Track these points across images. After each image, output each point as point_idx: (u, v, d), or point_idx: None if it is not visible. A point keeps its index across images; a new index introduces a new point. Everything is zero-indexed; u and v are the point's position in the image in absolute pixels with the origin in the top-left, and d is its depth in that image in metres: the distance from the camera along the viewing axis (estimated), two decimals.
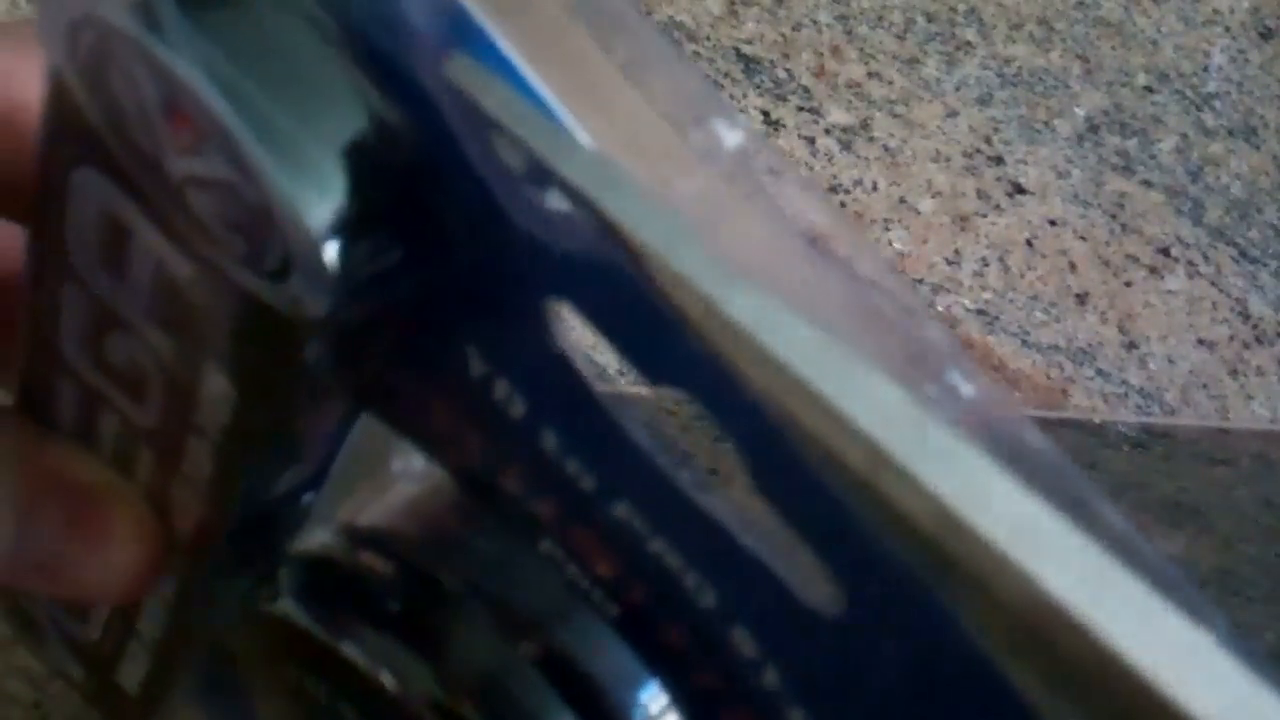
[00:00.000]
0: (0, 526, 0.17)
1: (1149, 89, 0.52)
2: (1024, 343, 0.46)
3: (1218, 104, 0.52)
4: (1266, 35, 0.54)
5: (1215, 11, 0.54)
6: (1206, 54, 0.53)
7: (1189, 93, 0.52)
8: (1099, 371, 0.46)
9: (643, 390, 0.13)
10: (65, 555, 0.17)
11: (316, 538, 0.18)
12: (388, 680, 0.16)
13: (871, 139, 0.47)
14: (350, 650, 0.17)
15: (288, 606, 0.18)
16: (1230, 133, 0.51)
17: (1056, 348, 0.46)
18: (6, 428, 0.18)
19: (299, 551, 0.18)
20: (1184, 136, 0.51)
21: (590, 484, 0.14)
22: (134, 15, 0.12)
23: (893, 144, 0.47)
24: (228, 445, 0.16)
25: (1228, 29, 0.54)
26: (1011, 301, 0.46)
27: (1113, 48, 0.52)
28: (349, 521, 0.18)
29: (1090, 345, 0.46)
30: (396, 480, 0.17)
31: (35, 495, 0.17)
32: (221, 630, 0.20)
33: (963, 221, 0.47)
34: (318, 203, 0.12)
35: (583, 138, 0.12)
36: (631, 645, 0.16)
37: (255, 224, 0.12)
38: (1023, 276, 0.46)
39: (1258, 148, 0.51)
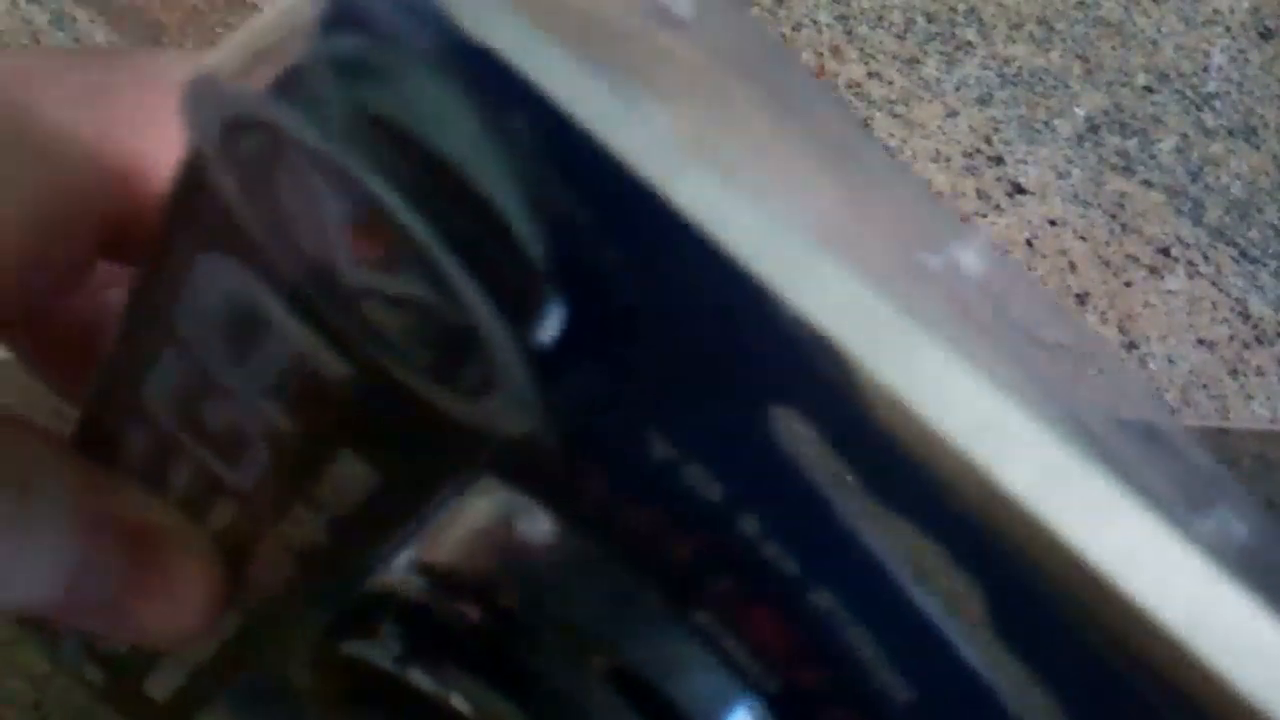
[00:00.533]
0: (58, 567, 0.17)
1: (1149, 89, 0.52)
2: None
3: (1218, 104, 0.52)
4: (1266, 35, 0.54)
5: (1215, 11, 0.54)
6: (1206, 54, 0.53)
7: (1189, 93, 0.52)
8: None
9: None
10: (125, 599, 0.17)
11: (393, 576, 0.17)
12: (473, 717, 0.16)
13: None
14: (436, 690, 0.16)
15: (366, 648, 0.17)
16: (1230, 133, 0.51)
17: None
18: (70, 466, 0.17)
19: (378, 591, 0.17)
20: (1184, 136, 0.51)
21: (793, 569, 0.14)
22: (315, 125, 0.11)
23: (893, 144, 0.47)
24: (352, 523, 0.15)
25: (1228, 29, 0.54)
26: None
27: (1113, 48, 0.52)
28: (427, 560, 0.17)
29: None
30: (469, 511, 0.17)
31: (97, 536, 0.17)
32: (280, 663, 0.20)
33: (963, 221, 0.47)
34: (528, 332, 0.12)
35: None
36: (788, 718, 0.15)
37: (453, 345, 0.12)
38: None
39: (1258, 148, 0.51)
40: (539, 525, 0.16)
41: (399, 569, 0.17)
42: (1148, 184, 0.50)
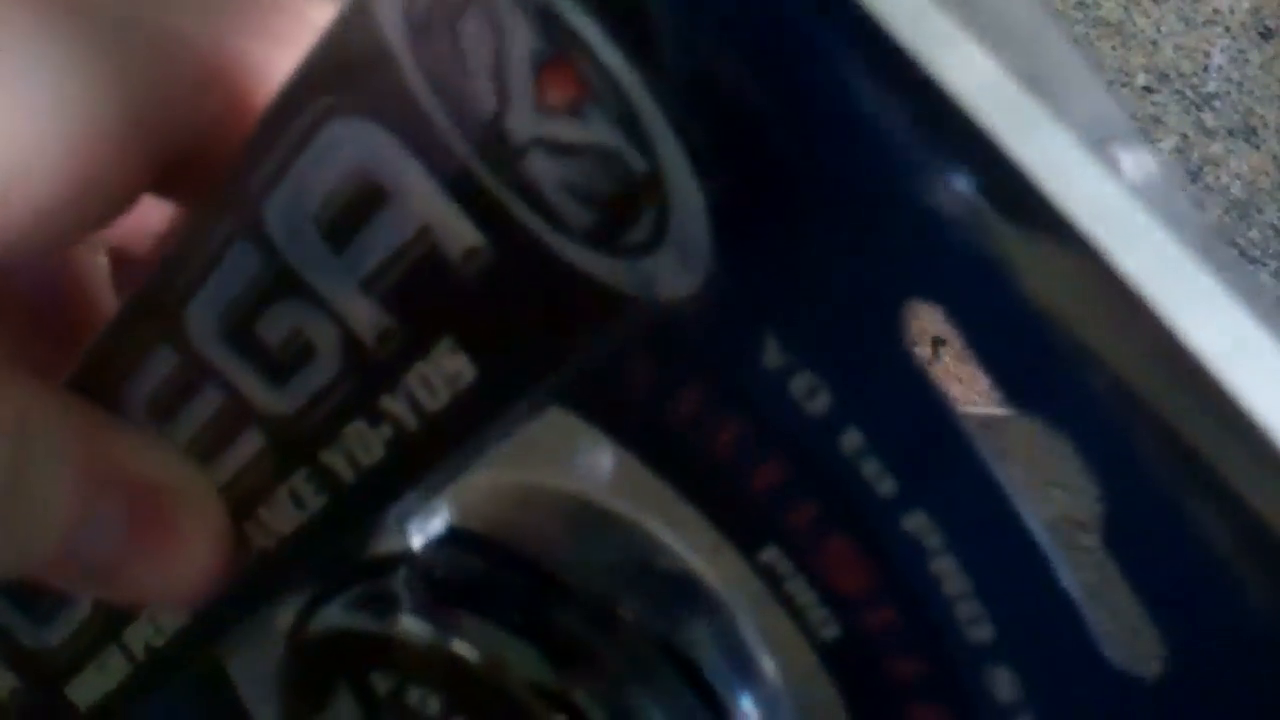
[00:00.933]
0: (50, 524, 0.15)
1: (1149, 89, 0.52)
2: None
3: (1218, 104, 0.52)
4: (1266, 35, 0.54)
5: (1215, 11, 0.54)
6: (1206, 54, 0.53)
7: (1189, 93, 0.52)
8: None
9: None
10: (123, 559, 0.16)
11: (389, 541, 0.17)
12: (494, 668, 0.16)
13: None
14: (453, 641, 0.16)
15: (348, 616, 0.17)
16: (1230, 133, 0.51)
17: None
18: (71, 411, 0.16)
19: (378, 556, 0.17)
20: (1184, 136, 0.51)
21: (889, 489, 0.13)
22: None
23: None
24: (425, 434, 0.15)
25: (1228, 29, 0.54)
26: None
27: (1113, 48, 0.52)
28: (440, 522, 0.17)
29: None
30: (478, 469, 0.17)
31: (95, 491, 0.16)
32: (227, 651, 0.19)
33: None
34: (713, 176, 0.11)
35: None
36: (841, 672, 0.15)
37: (628, 194, 0.12)
38: None
39: (1258, 148, 0.51)
40: (601, 462, 0.16)
41: (398, 534, 0.17)
42: None
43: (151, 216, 0.17)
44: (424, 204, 0.13)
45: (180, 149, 0.15)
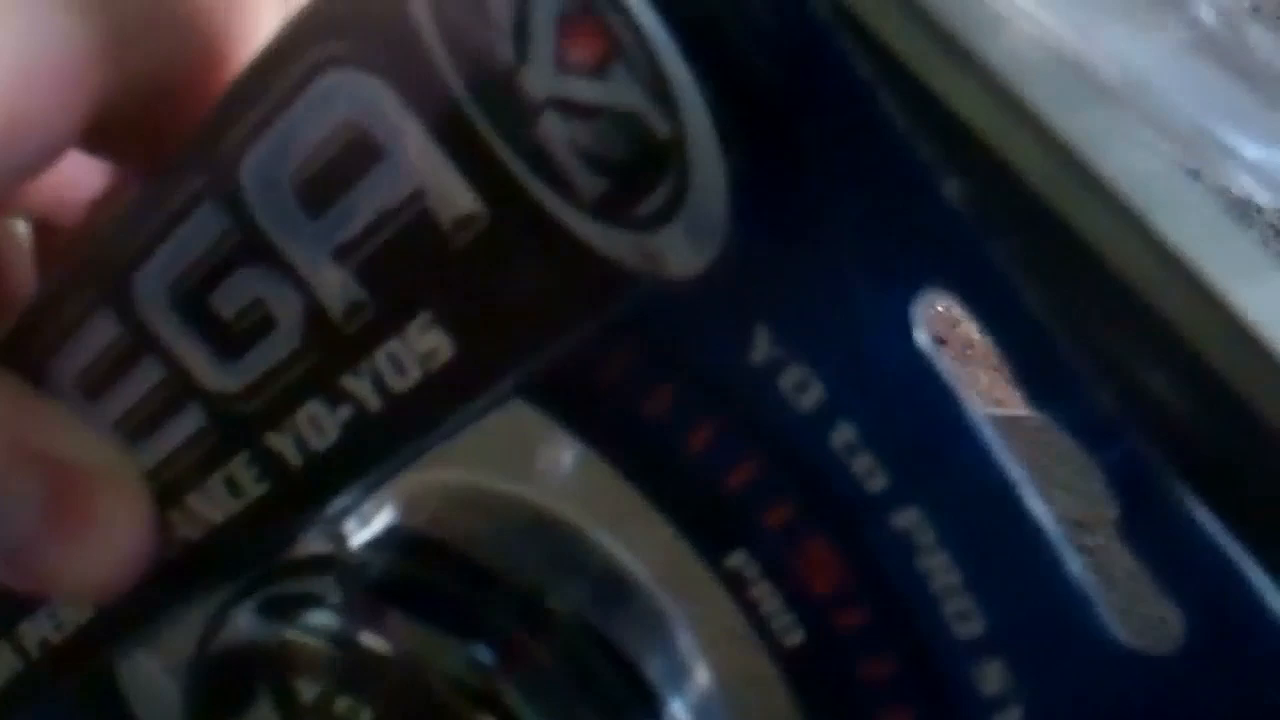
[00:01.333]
0: None
1: None
2: None
3: None
4: None
5: None
6: None
7: None
8: None
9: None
10: (33, 542, 0.15)
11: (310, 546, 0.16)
12: (417, 666, 0.15)
13: None
14: (377, 644, 0.16)
15: (266, 620, 0.16)
16: None
17: None
18: None
19: (299, 557, 0.17)
20: None
21: (880, 484, 0.13)
22: None
23: None
24: (388, 417, 0.14)
25: None
26: None
27: None
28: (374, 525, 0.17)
29: None
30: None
31: (10, 471, 0.15)
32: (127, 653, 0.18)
33: None
34: (738, 147, 0.11)
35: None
36: (802, 679, 0.14)
37: (646, 161, 0.11)
38: None
39: None
40: (562, 459, 0.16)
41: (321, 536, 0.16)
42: None
43: (80, 186, 0.16)
44: (420, 164, 0.12)
45: (122, 97, 0.14)
